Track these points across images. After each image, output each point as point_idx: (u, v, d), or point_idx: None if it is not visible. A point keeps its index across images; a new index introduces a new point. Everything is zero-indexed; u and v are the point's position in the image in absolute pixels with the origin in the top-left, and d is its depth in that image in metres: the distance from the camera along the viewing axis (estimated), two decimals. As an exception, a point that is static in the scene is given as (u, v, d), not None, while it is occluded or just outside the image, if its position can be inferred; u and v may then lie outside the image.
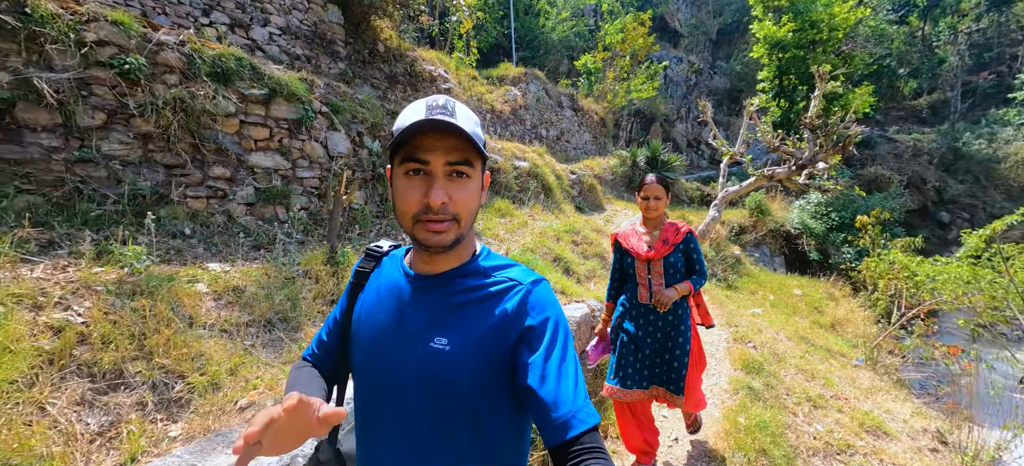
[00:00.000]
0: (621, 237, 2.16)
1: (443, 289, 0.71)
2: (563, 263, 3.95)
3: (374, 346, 0.73)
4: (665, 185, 2.05)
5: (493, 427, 0.69)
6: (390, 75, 6.48)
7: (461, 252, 0.72)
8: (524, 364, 0.64)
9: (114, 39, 2.55)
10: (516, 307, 0.68)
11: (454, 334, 0.67)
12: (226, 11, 4.64)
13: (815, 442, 2.53)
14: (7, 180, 2.19)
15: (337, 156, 3.58)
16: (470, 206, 0.67)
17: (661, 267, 2.01)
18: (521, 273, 0.73)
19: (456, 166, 0.64)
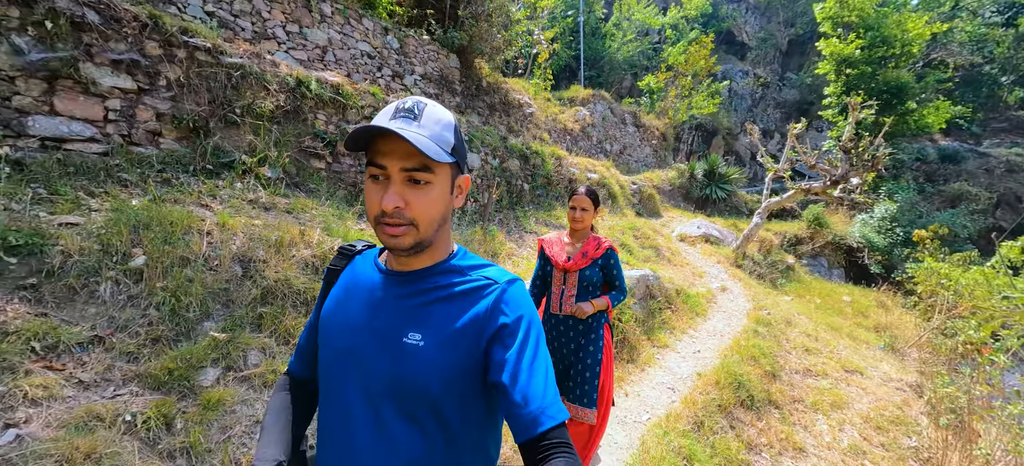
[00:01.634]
0: (545, 243, 2.19)
1: (416, 285, 0.71)
2: (627, 248, 5.43)
3: (342, 341, 0.72)
4: (594, 198, 2.08)
5: (462, 427, 0.68)
6: (490, 104, 8.33)
7: (434, 252, 0.72)
8: (497, 361, 0.64)
9: (372, 103, 4.46)
10: (491, 305, 0.68)
11: (428, 330, 0.67)
12: (388, 66, 6.68)
13: (798, 365, 3.80)
14: (334, 180, 4.13)
15: (474, 169, 5.37)
16: (429, 213, 0.66)
17: (576, 279, 2.02)
18: (497, 272, 0.73)
19: (411, 173, 0.63)
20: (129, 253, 2.01)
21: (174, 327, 1.89)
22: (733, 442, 2.60)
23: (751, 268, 7.66)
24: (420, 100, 0.67)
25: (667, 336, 3.95)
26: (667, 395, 2.98)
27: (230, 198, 2.80)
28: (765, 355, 3.74)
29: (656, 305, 4.25)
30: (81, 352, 1.66)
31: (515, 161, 6.09)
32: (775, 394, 3.25)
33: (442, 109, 0.69)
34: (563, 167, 7.10)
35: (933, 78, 14.84)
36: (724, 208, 12.88)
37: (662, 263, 5.78)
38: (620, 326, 3.58)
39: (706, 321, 4.52)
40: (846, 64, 14.40)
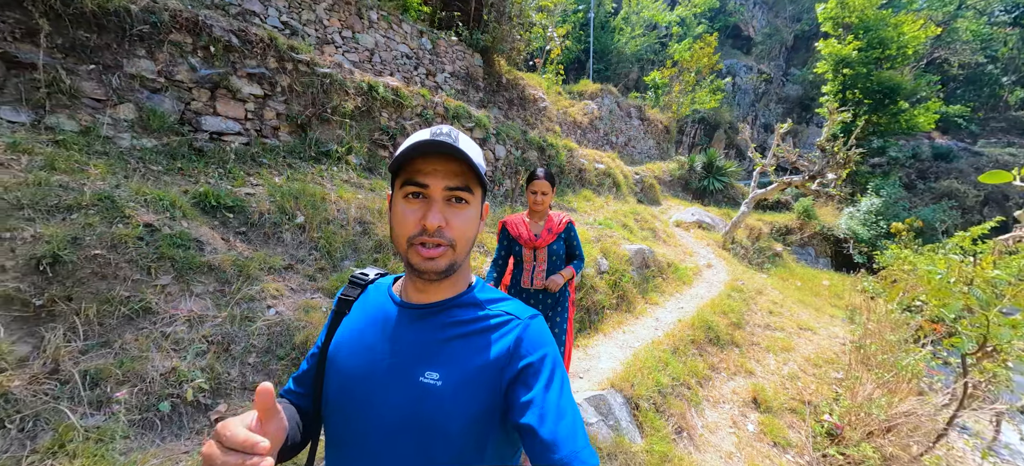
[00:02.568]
0: (509, 224, 2.30)
1: (435, 319, 0.69)
2: (627, 228, 6.41)
3: (353, 377, 0.69)
4: (552, 181, 2.22)
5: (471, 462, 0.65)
6: (509, 99, 9.23)
7: (456, 282, 0.71)
8: (521, 403, 0.62)
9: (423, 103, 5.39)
10: (513, 343, 0.66)
11: (447, 368, 0.65)
12: (423, 65, 7.59)
13: (760, 322, 4.80)
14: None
15: (500, 158, 6.32)
16: (467, 233, 0.67)
17: (545, 254, 2.20)
18: (516, 308, 0.71)
19: (455, 192, 0.64)
20: (294, 214, 3.01)
21: (329, 262, 2.90)
22: (699, 362, 3.61)
23: (738, 252, 8.63)
24: (453, 128, 0.67)
25: (657, 296, 4.95)
26: (653, 332, 3.99)
27: (333, 178, 3.79)
28: (734, 311, 4.74)
29: (650, 273, 5.24)
30: (285, 273, 2.66)
31: (533, 152, 7.04)
32: (737, 338, 4.26)
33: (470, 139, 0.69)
34: (574, 158, 8.04)
35: (924, 80, 15.47)
36: (721, 199, 13.77)
37: (658, 242, 6.76)
38: (620, 286, 4.58)
39: (691, 288, 5.51)
40: (843, 64, 15.09)
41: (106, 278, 1.85)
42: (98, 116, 2.85)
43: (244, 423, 0.51)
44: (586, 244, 4.81)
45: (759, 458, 2.82)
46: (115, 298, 1.83)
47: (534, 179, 2.22)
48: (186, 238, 2.24)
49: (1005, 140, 22.70)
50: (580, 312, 4.02)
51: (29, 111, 2.59)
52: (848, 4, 15.08)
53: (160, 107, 3.15)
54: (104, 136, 2.80)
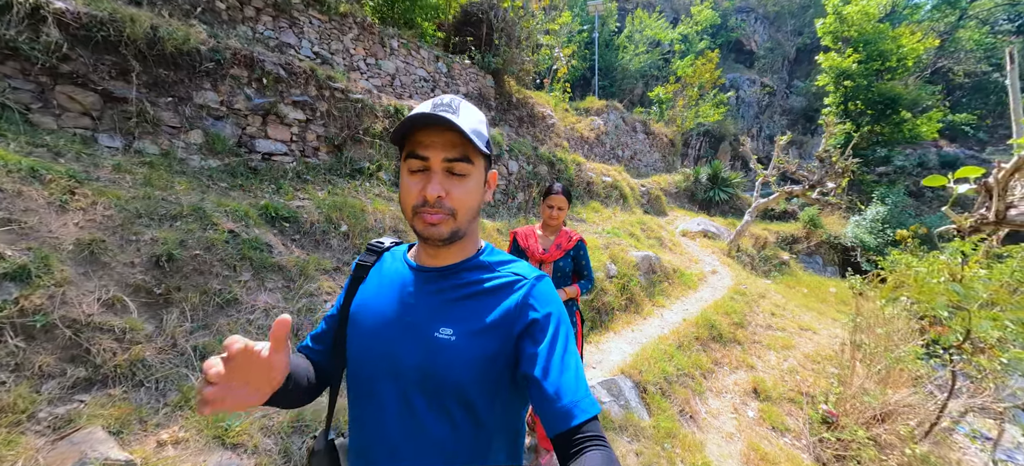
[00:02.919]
0: (520, 235, 2.28)
1: (447, 281, 0.74)
2: (634, 237, 6.75)
3: (373, 335, 0.74)
4: (568, 196, 2.21)
5: (489, 420, 0.70)
6: (519, 117, 9.70)
7: (465, 247, 0.76)
8: (528, 355, 0.66)
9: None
10: (521, 300, 0.70)
11: (459, 325, 0.69)
12: (440, 87, 8.09)
13: (762, 322, 5.08)
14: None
15: (513, 172, 6.73)
16: (468, 202, 0.70)
17: (551, 270, 2.17)
18: (524, 268, 0.76)
19: (453, 163, 0.67)
20: (338, 223, 3.42)
21: (370, 264, 3.30)
22: (703, 357, 3.91)
23: (743, 260, 8.89)
24: (455, 97, 0.70)
25: (663, 299, 5.26)
26: (660, 330, 4.30)
27: (367, 193, 4.21)
28: (736, 312, 5.04)
29: (656, 278, 5.56)
30: (334, 274, 3.06)
31: (544, 166, 7.45)
32: (739, 336, 4.55)
33: (475, 107, 0.73)
34: (582, 172, 8.44)
35: (924, 90, 15.72)
36: (727, 209, 14.04)
37: (664, 250, 7.08)
38: (629, 289, 4.91)
39: (696, 292, 5.81)
40: (844, 76, 15.42)
41: (203, 273, 2.25)
42: (174, 141, 3.31)
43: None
44: (595, 251, 5.16)
45: (758, 439, 3.10)
46: (211, 290, 2.23)
47: (550, 193, 2.20)
48: (259, 242, 2.65)
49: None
50: (591, 313, 4.34)
51: (121, 137, 3.05)
52: (847, 18, 15.49)
53: (222, 132, 3.62)
54: (179, 158, 3.25)
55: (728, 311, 4.93)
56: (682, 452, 2.60)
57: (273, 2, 5.66)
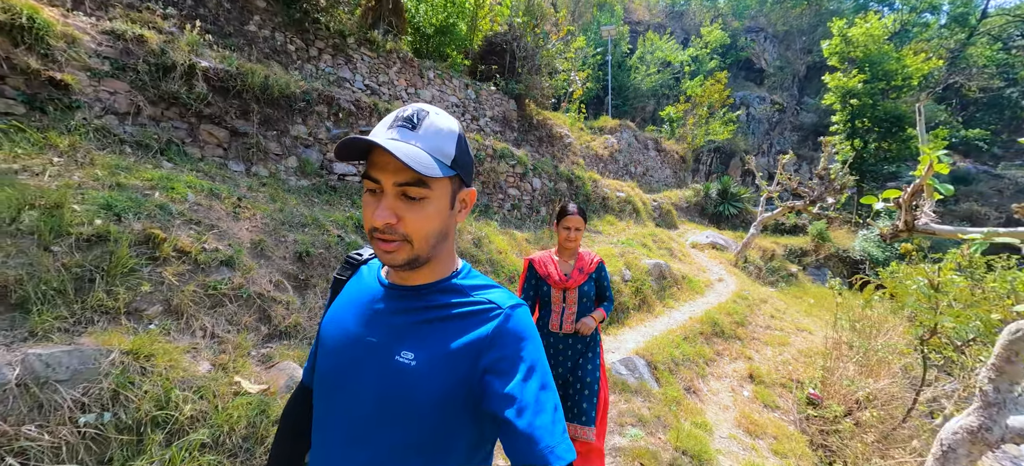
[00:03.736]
0: (537, 263, 2.19)
1: (416, 301, 0.69)
2: (647, 247, 7.45)
3: (335, 353, 0.71)
4: (584, 216, 2.13)
5: (445, 456, 0.65)
6: (539, 137, 10.54)
7: (435, 268, 0.70)
8: (498, 393, 0.61)
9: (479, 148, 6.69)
10: (492, 332, 0.65)
11: (421, 350, 0.65)
12: (469, 111, 8.98)
13: (762, 322, 5.70)
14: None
15: (537, 189, 7.51)
16: (425, 228, 0.63)
17: (576, 296, 2.09)
18: (501, 296, 0.70)
19: (405, 187, 0.61)
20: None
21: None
22: (706, 348, 4.58)
23: (750, 270, 9.47)
24: (422, 108, 0.64)
25: (673, 302, 5.93)
26: (669, 326, 4.97)
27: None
28: (738, 313, 5.68)
29: (666, 283, 6.24)
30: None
31: (563, 184, 8.22)
32: (740, 333, 5.19)
33: (446, 118, 0.66)
34: (598, 188, 9.19)
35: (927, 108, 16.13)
36: (737, 223, 14.59)
37: (674, 260, 7.74)
38: (642, 291, 5.60)
39: (703, 297, 6.46)
40: (850, 95, 15.97)
41: (325, 266, 3.05)
42: (277, 165, 4.18)
43: None
44: (611, 258, 5.87)
45: (751, 412, 3.76)
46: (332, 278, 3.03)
47: (566, 215, 2.11)
48: (357, 245, 3.45)
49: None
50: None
51: (243, 163, 3.92)
52: (852, 40, 16.10)
53: (310, 158, 4.48)
54: (282, 179, 4.11)
55: (730, 312, 5.57)
56: (685, 414, 3.28)
57: (333, 44, 6.62)
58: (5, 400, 1.46)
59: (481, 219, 5.79)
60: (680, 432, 2.82)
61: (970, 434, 2.44)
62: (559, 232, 2.15)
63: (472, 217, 5.67)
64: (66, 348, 1.64)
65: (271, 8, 5.97)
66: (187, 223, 2.51)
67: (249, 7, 5.75)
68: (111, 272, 2.00)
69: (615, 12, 20.80)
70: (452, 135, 0.65)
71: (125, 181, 2.57)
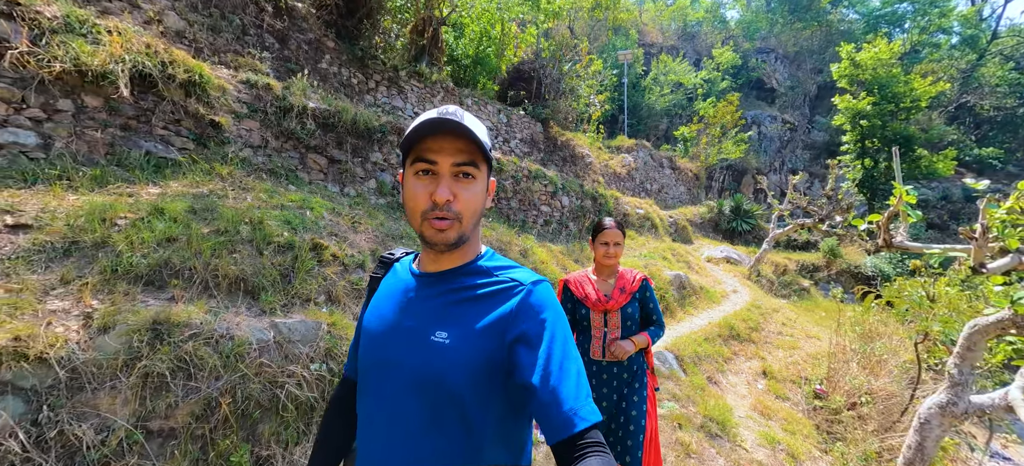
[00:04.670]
0: (573, 284, 2.03)
1: (446, 285, 0.75)
2: (666, 260, 8.13)
3: (376, 342, 0.77)
4: (623, 230, 1.98)
5: (482, 428, 0.70)
6: (562, 157, 11.35)
7: (465, 252, 0.77)
8: (524, 363, 0.66)
9: (518, 169, 7.46)
10: (516, 306, 0.71)
11: (454, 328, 0.71)
12: (501, 134, 9.82)
13: (774, 329, 6.33)
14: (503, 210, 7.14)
15: (565, 206, 8.28)
16: (473, 206, 0.72)
17: (619, 318, 1.90)
18: (523, 274, 0.76)
19: (462, 167, 0.69)
20: (466, 243, 5.00)
21: (490, 271, 4.85)
22: (724, 349, 5.23)
23: (763, 283, 10.06)
24: (458, 108, 0.72)
25: (692, 310, 6.59)
26: (690, 330, 5.64)
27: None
28: (752, 320, 6.32)
29: (686, 293, 6.90)
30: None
31: (589, 201, 8.97)
32: (754, 337, 5.83)
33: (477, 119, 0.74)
34: (620, 204, 9.93)
35: (936, 129, 16.64)
36: (750, 238, 15.15)
37: (692, 272, 8.40)
38: (665, 299, 6.27)
39: (719, 306, 7.10)
40: (860, 116, 16.51)
41: (418, 270, 3.84)
42: (362, 187, 5.01)
43: None
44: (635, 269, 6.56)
45: (765, 400, 4.40)
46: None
47: (602, 229, 1.95)
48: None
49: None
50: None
51: (337, 185, 4.76)
52: (860, 64, 16.72)
53: (385, 180, 5.31)
54: (366, 198, 4.93)
55: (745, 319, 6.21)
56: (709, 398, 3.95)
57: (388, 77, 7.53)
58: (269, 351, 2.23)
59: (521, 234, 6.55)
60: (706, 406, 3.50)
61: (941, 408, 3.10)
62: (596, 249, 1.98)
63: (513, 231, 6.43)
64: (296, 319, 2.42)
65: (338, 48, 6.90)
66: (330, 235, 3.31)
67: (322, 48, 6.68)
68: (298, 270, 2.80)
69: (630, 36, 21.74)
70: (484, 129, 0.75)
71: (280, 202, 3.39)
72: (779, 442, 3.42)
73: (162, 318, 1.96)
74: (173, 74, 3.54)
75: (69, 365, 1.75)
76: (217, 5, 5.50)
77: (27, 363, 1.66)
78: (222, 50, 5.29)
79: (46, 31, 2.99)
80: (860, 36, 26.55)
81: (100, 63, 3.09)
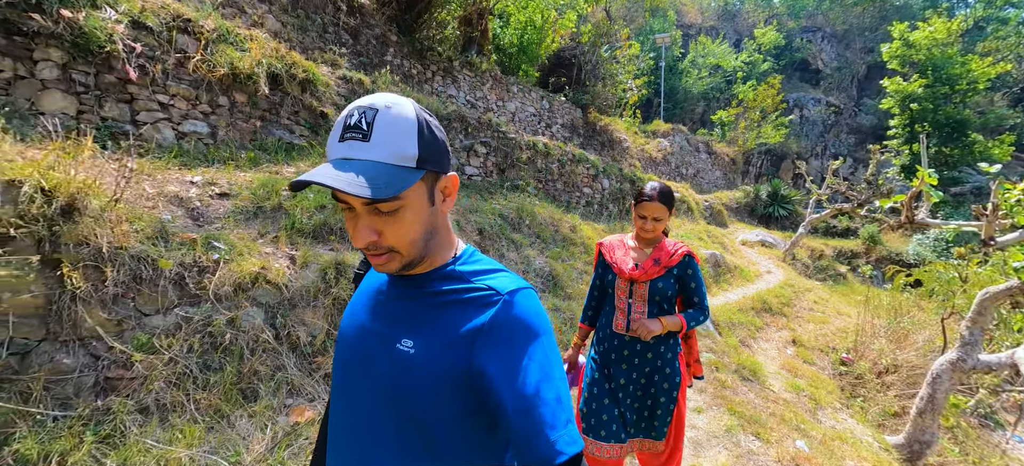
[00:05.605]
0: (606, 248, 1.88)
1: (416, 290, 0.70)
2: (702, 241, 8.56)
3: (345, 343, 0.73)
4: (668, 203, 1.70)
5: (446, 447, 0.64)
6: (601, 142, 11.77)
7: (433, 259, 0.70)
8: (495, 385, 0.59)
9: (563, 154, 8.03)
10: (491, 319, 0.63)
11: (419, 338, 0.64)
12: (543, 120, 10.36)
13: (805, 305, 6.72)
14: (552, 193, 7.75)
15: (606, 188, 8.79)
16: (408, 235, 0.63)
17: (646, 291, 1.70)
18: (503, 281, 0.68)
19: (375, 204, 0.59)
20: (520, 222, 5.65)
21: (543, 244, 5.49)
22: (756, 319, 5.72)
23: (797, 267, 10.28)
24: (371, 105, 0.59)
25: (727, 286, 7.04)
26: (724, 302, 6.13)
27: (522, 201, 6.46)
28: (784, 296, 6.72)
29: (722, 271, 7.35)
30: (528, 247, 5.28)
31: (627, 184, 9.44)
32: (786, 311, 6.26)
33: (401, 109, 0.60)
34: (656, 187, 10.34)
35: (991, 115, 15.85)
36: (787, 224, 15.13)
37: (727, 253, 8.78)
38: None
39: (753, 284, 7.50)
40: (910, 100, 15.94)
41: (492, 239, 4.53)
42: (433, 168, 5.73)
43: None
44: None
45: (795, 364, 4.90)
46: (497, 247, 4.49)
47: (642, 200, 1.73)
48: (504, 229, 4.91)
49: (1119, 169, 21.29)
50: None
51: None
52: (914, 44, 16.06)
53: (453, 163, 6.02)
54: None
55: (778, 295, 6.63)
56: (742, 354, 4.50)
57: (443, 67, 8.20)
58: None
59: (567, 212, 7.16)
60: (740, 358, 4.07)
61: (952, 364, 3.57)
62: (635, 221, 1.78)
63: (561, 209, 7.03)
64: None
65: (400, 41, 7.60)
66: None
67: (387, 42, 7.40)
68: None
69: (668, 17, 21.48)
70: (411, 130, 0.60)
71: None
72: (803, 390, 3.95)
73: (340, 260, 2.73)
74: (294, 73, 4.32)
75: (287, 290, 2.53)
76: (303, 7, 6.29)
77: (268, 285, 2.45)
78: (309, 48, 6.08)
79: (209, 42, 3.79)
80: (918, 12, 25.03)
81: (247, 67, 3.89)
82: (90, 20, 2.93)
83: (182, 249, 2.34)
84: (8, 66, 2.80)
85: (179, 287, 2.26)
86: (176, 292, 2.25)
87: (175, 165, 3.20)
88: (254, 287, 2.44)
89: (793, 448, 2.78)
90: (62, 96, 3.00)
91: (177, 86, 3.53)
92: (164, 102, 3.49)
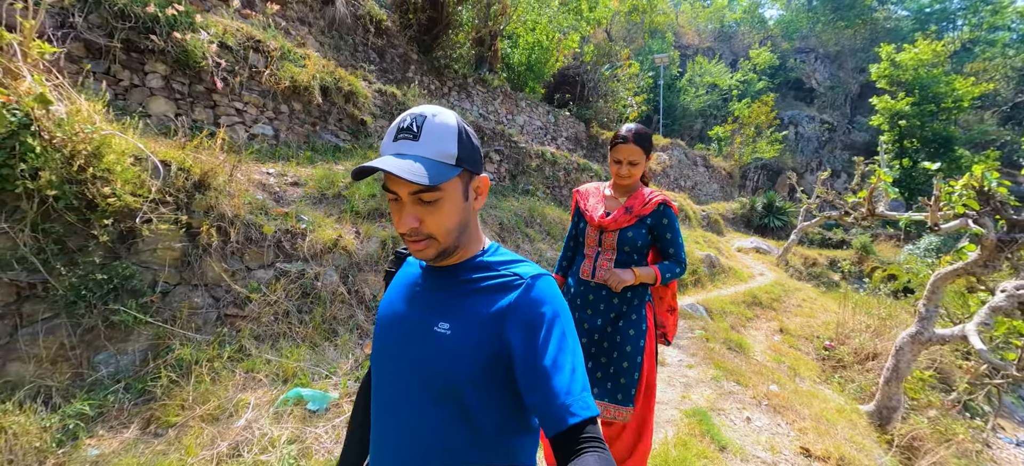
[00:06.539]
0: (580, 194, 1.85)
1: (450, 279, 0.78)
2: (698, 244, 9.16)
3: (385, 334, 0.80)
4: (644, 145, 1.64)
5: (484, 420, 0.72)
6: (603, 154, 12.46)
7: (465, 251, 0.78)
8: (519, 356, 0.67)
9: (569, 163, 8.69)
10: (516, 299, 0.71)
11: (456, 320, 0.72)
12: (549, 133, 11.07)
13: (793, 301, 7.27)
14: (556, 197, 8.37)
15: (608, 195, 9.43)
16: (445, 224, 0.71)
17: (614, 240, 1.65)
18: (525, 268, 0.77)
19: (420, 193, 0.68)
20: (532, 220, 6.27)
21: (554, 240, 6.10)
22: (747, 310, 6.27)
23: (790, 272, 10.84)
24: (421, 113, 0.69)
25: (721, 284, 7.60)
26: (718, 295, 6.69)
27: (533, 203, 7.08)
28: (775, 293, 7.28)
29: (716, 271, 7.92)
30: (542, 243, 5.88)
31: (628, 191, 10.08)
32: (775, 306, 6.82)
33: (445, 117, 0.71)
34: (656, 196, 10.97)
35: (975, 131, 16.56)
36: (781, 235, 15.70)
37: (722, 256, 9.37)
38: (697, 273, 7.32)
39: (745, 284, 8.06)
40: (898, 117, 16.69)
41: (510, 231, 5.13)
42: (454, 172, 6.38)
43: None
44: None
45: (780, 348, 5.44)
46: (516, 239, 5.10)
47: (617, 143, 1.64)
48: (520, 225, 5.52)
49: (1106, 185, 21.93)
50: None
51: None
52: (901, 65, 16.89)
53: (469, 167, 6.67)
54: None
55: (768, 291, 7.19)
56: (731, 334, 5.05)
57: (458, 83, 8.93)
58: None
59: (573, 215, 7.77)
60: (730, 336, 4.62)
61: (911, 337, 4.12)
62: (610, 166, 1.72)
63: (567, 212, 7.64)
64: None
65: (420, 60, 8.35)
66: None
67: (409, 60, 8.14)
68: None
69: (666, 38, 22.47)
70: (451, 134, 0.70)
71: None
72: (785, 362, 4.49)
73: (395, 235, 3.33)
74: (340, 86, 5.00)
75: (355, 256, 3.14)
76: (337, 29, 7.04)
77: (342, 251, 3.06)
78: (343, 65, 6.79)
79: (274, 59, 4.47)
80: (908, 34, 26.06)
81: (305, 80, 4.56)
82: (192, 41, 3.60)
83: (277, 220, 2.96)
84: (127, 76, 3.46)
85: (277, 248, 2.86)
86: (273, 252, 2.86)
87: (251, 160, 3.83)
88: (333, 251, 3.04)
89: (767, 389, 3.33)
90: (164, 101, 3.65)
91: (250, 95, 4.20)
92: (239, 108, 4.15)
